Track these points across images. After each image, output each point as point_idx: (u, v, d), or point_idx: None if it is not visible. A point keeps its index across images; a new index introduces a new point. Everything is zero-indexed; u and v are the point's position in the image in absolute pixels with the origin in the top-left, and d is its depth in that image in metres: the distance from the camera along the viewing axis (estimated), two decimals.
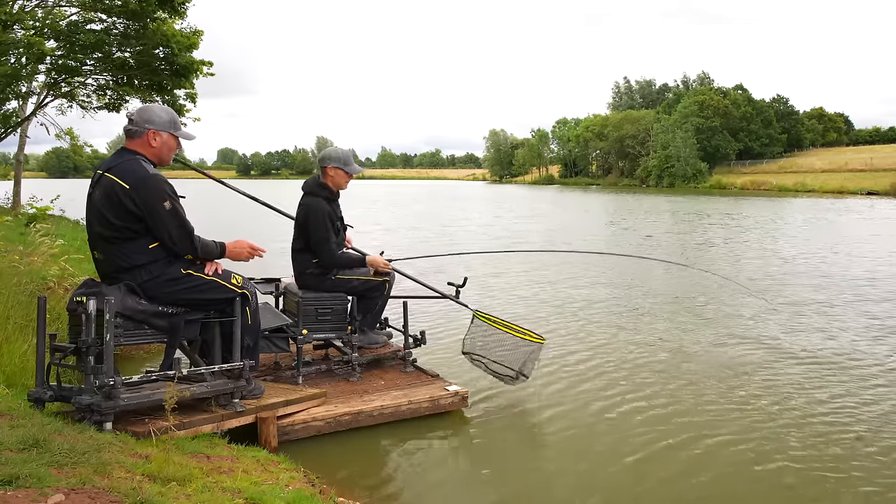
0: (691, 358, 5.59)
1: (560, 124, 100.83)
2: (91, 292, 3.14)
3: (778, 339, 6.16)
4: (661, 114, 75.85)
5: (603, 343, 6.12)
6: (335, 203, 4.52)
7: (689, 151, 65.77)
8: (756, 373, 5.16)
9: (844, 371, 5.20)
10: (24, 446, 2.37)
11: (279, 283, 4.95)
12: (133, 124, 3.26)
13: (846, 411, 4.33)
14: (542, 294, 8.63)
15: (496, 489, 3.33)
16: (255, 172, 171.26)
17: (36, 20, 11.77)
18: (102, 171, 3.20)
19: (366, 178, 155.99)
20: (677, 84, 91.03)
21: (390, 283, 4.66)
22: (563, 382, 4.95)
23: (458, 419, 4.19)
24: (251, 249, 3.53)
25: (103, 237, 3.20)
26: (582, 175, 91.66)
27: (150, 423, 3.11)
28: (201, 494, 2.41)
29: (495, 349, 4.45)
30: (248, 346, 3.54)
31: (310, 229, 4.36)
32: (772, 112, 71.81)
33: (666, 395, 4.65)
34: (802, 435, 3.94)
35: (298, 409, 3.79)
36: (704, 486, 3.37)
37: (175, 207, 3.21)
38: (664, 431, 4.03)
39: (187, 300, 3.32)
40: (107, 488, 2.17)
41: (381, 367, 4.78)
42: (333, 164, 4.47)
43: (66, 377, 3.45)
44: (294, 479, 3.03)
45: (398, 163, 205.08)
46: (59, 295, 5.30)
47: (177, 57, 12.93)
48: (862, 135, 79.61)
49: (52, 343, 3.18)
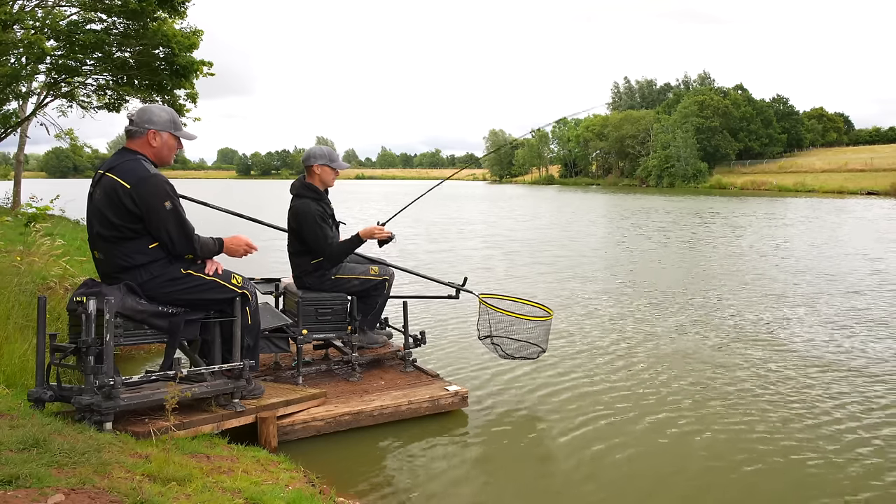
0: (691, 357, 5.59)
1: (560, 124, 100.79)
2: (91, 292, 3.14)
3: (797, 343, 6.16)
4: (661, 114, 75.85)
5: (602, 343, 6.12)
6: (324, 201, 4.50)
7: (689, 151, 65.77)
8: (768, 372, 5.17)
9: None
10: (24, 446, 2.38)
11: (279, 283, 4.95)
12: (133, 124, 3.26)
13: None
14: (543, 295, 8.63)
15: (496, 489, 3.33)
16: (255, 172, 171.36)
17: (36, 20, 11.76)
18: (103, 171, 3.20)
19: (366, 178, 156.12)
20: (678, 84, 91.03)
21: (390, 283, 4.65)
22: (563, 382, 4.95)
23: (458, 419, 4.19)
24: (247, 246, 3.54)
25: (104, 237, 3.20)
26: (582, 175, 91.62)
27: (150, 423, 3.11)
28: (201, 494, 2.41)
29: (510, 328, 4.48)
30: (248, 346, 3.54)
31: (305, 234, 4.35)
32: (772, 112, 71.82)
33: (666, 395, 4.65)
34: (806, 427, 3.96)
35: (298, 409, 3.79)
36: (704, 485, 3.38)
37: (175, 207, 3.22)
38: (664, 431, 4.03)
39: (187, 300, 3.32)
40: (107, 488, 2.17)
41: (381, 367, 4.78)
42: (319, 161, 4.46)
43: (66, 377, 3.45)
44: (294, 479, 3.03)
45: (398, 163, 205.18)
46: (60, 295, 5.30)
47: (177, 57, 12.94)
48: (862, 135, 79.60)
49: (52, 343, 3.18)
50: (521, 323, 4.49)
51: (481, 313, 4.55)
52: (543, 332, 4.52)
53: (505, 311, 4.48)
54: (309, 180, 4.48)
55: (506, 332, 4.49)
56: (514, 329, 4.49)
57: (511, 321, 4.48)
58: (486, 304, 4.52)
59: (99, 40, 12.30)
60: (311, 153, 4.53)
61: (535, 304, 4.68)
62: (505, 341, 4.51)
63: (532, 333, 4.50)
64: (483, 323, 4.54)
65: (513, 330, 4.49)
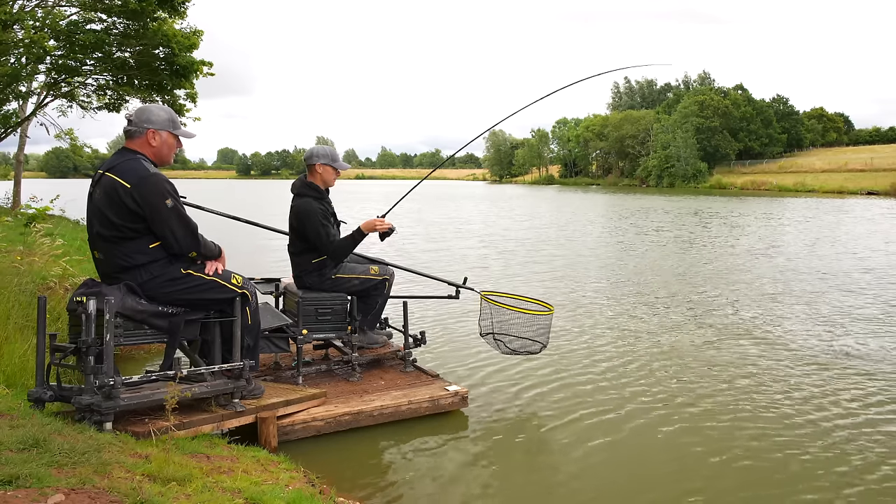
0: (690, 357, 5.59)
1: (560, 124, 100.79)
2: (91, 292, 3.13)
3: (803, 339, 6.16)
4: (661, 114, 75.84)
5: (601, 343, 6.12)
6: (325, 200, 4.52)
7: (689, 151, 65.77)
8: (766, 370, 5.17)
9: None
10: (24, 446, 2.37)
11: (279, 283, 4.95)
12: (132, 124, 3.26)
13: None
14: (540, 295, 8.63)
15: (496, 489, 3.32)
16: (255, 172, 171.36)
17: (36, 20, 11.76)
18: (103, 171, 3.20)
19: (366, 178, 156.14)
20: (679, 84, 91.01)
21: (390, 283, 4.65)
22: (563, 382, 4.95)
23: (458, 419, 4.19)
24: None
25: (104, 237, 3.20)
26: (582, 175, 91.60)
27: (150, 423, 3.11)
28: (201, 494, 2.41)
29: (510, 326, 4.52)
30: (248, 346, 3.54)
31: (307, 232, 4.36)
32: (772, 112, 71.82)
33: (666, 394, 4.65)
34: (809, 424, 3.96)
35: (298, 409, 3.79)
36: (703, 485, 3.37)
37: (176, 205, 3.22)
38: (664, 431, 4.03)
39: (187, 300, 3.32)
40: (107, 488, 2.17)
41: (381, 367, 4.78)
42: (321, 160, 4.48)
43: (66, 377, 3.45)
44: (294, 479, 3.03)
45: (398, 163, 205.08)
46: (60, 295, 5.30)
47: (177, 57, 12.94)
48: (862, 135, 79.59)
49: (52, 343, 3.18)
50: (523, 318, 4.51)
51: (483, 310, 4.57)
52: (545, 327, 4.55)
53: (508, 307, 4.51)
54: (310, 179, 4.50)
55: (507, 328, 4.51)
56: (516, 325, 4.51)
57: (512, 317, 4.50)
58: (489, 300, 4.53)
59: (99, 40, 12.30)
60: (314, 152, 4.55)
61: (536, 300, 4.72)
62: (507, 338, 4.53)
63: (533, 329, 4.53)
64: (485, 319, 4.56)
65: (514, 326, 4.51)
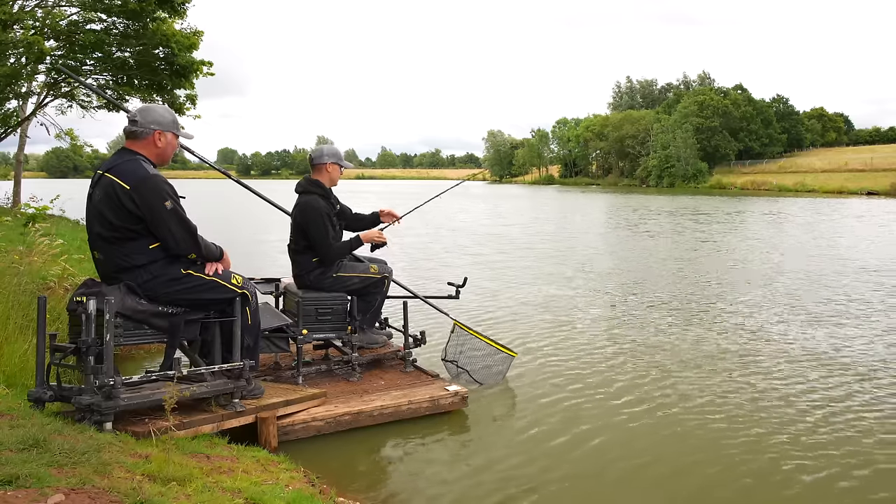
0: (689, 356, 5.59)
1: (560, 124, 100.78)
2: (91, 292, 3.14)
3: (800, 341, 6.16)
4: (661, 114, 75.82)
5: (600, 342, 6.12)
6: (330, 199, 4.54)
7: (689, 151, 65.74)
8: (765, 369, 5.17)
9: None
10: (24, 446, 2.37)
11: (279, 283, 4.95)
12: (137, 125, 3.25)
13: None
14: (541, 293, 8.64)
15: (496, 489, 3.32)
16: (255, 172, 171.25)
17: (36, 20, 11.76)
18: (102, 172, 3.20)
19: (366, 178, 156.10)
20: (679, 84, 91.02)
21: (389, 280, 4.67)
22: (563, 383, 4.95)
23: (458, 419, 4.19)
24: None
25: (103, 237, 3.20)
26: (582, 175, 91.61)
27: (150, 423, 3.11)
28: (201, 494, 2.41)
29: (472, 355, 4.85)
30: (248, 346, 3.54)
31: (309, 228, 4.38)
32: (772, 112, 71.82)
33: (665, 393, 4.65)
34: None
35: (298, 409, 3.79)
36: (703, 485, 3.38)
37: (176, 207, 3.22)
38: (664, 432, 4.03)
39: (187, 300, 3.32)
40: (107, 488, 2.17)
41: (381, 367, 4.78)
42: (331, 159, 4.57)
43: (66, 377, 3.46)
44: (294, 479, 3.03)
45: (398, 163, 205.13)
46: (60, 295, 5.30)
47: (177, 57, 12.94)
48: (862, 135, 79.61)
49: (52, 343, 3.18)
50: (489, 353, 4.83)
51: (452, 339, 4.87)
52: (505, 366, 4.88)
53: (482, 337, 4.85)
54: (317, 177, 4.53)
55: (471, 358, 4.83)
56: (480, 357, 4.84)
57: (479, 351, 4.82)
58: (464, 327, 4.87)
59: (99, 40, 12.31)
60: (324, 151, 4.62)
61: (502, 346, 4.93)
62: (469, 365, 4.82)
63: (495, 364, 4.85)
64: (452, 347, 4.86)
65: (477, 357, 4.84)
